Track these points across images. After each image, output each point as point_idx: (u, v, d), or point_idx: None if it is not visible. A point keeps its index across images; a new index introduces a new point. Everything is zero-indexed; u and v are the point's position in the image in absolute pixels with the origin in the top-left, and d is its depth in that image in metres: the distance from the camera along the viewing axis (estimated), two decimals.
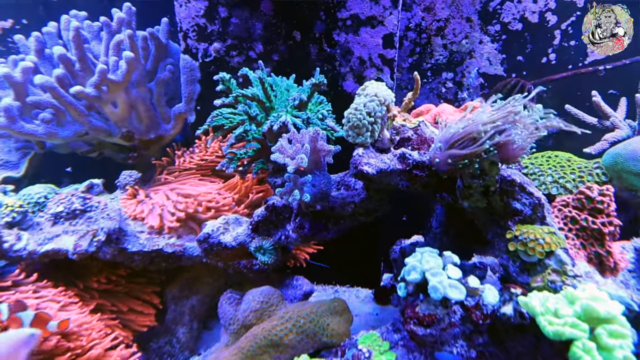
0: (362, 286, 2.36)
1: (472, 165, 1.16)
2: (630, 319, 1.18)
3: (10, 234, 1.35)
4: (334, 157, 1.40)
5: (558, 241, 1.20)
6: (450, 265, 1.17)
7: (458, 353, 1.21)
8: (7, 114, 1.57)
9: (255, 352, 1.32)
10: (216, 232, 1.47)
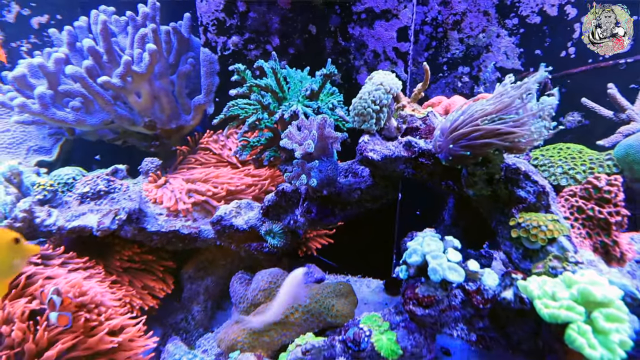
0: (374, 277, 2.39)
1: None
2: (634, 307, 1.18)
3: (42, 210, 1.47)
4: (346, 147, 1.44)
5: (561, 228, 1.21)
6: (450, 249, 1.20)
7: (458, 336, 1.23)
8: (41, 101, 1.70)
9: (262, 328, 1.39)
10: (228, 215, 1.54)
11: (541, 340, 1.19)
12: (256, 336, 1.38)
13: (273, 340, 1.39)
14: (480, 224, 1.62)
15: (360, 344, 1.20)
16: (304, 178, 1.33)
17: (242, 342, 1.37)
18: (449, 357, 1.74)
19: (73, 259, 1.39)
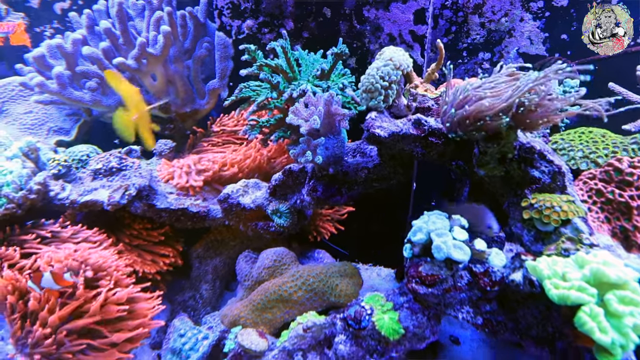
0: (385, 266, 2.36)
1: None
2: None
3: (56, 184, 1.51)
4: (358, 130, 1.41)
5: (576, 210, 1.15)
6: (457, 227, 1.16)
7: (463, 319, 1.19)
8: (59, 80, 1.75)
9: (266, 305, 1.38)
10: (235, 194, 1.55)
11: (551, 326, 1.13)
12: (259, 312, 1.38)
13: (275, 318, 1.38)
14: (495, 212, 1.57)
15: (360, 322, 1.18)
16: (310, 155, 1.32)
17: (244, 318, 1.37)
18: (457, 346, 1.70)
19: (83, 230, 1.43)
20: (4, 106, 2.10)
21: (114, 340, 1.50)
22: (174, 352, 1.50)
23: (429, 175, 2.27)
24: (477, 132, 1.16)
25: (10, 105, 2.12)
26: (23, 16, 2.33)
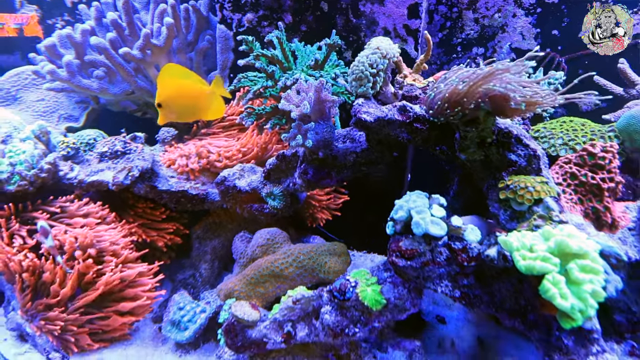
0: (379, 253, 2.44)
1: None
2: (619, 268, 1.18)
3: (65, 165, 1.61)
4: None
5: (548, 190, 1.22)
6: (435, 205, 1.23)
7: (442, 292, 1.27)
8: (68, 68, 1.85)
9: (258, 279, 1.47)
10: (232, 177, 1.64)
11: (523, 299, 1.21)
12: (252, 287, 1.46)
13: (268, 292, 1.47)
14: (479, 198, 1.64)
15: (345, 294, 1.26)
16: (300, 139, 1.40)
17: (238, 291, 1.46)
18: (443, 325, 1.78)
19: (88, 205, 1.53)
20: (18, 94, 2.22)
21: (119, 309, 1.61)
22: (173, 324, 1.60)
23: (423, 166, 2.35)
24: (455, 117, 1.23)
25: (24, 93, 2.23)
26: (36, 8, 2.44)
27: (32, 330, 1.52)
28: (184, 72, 1.40)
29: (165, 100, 1.27)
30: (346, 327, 1.28)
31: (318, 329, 1.33)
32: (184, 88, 1.28)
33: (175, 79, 1.31)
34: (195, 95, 1.32)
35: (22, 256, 1.47)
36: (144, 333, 1.73)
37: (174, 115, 1.33)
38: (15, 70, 2.25)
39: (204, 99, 1.36)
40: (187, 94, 1.30)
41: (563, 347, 1.15)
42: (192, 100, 1.31)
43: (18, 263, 1.47)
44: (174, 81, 1.30)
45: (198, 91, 1.31)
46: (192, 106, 1.34)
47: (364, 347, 1.40)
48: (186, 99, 1.28)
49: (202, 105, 1.38)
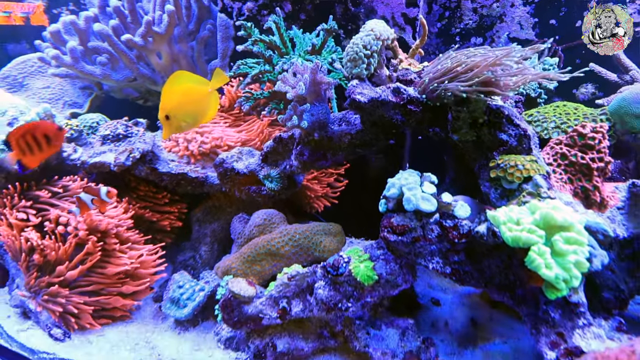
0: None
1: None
2: (606, 244, 1.21)
3: (69, 147, 1.67)
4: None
5: (538, 168, 1.25)
6: (427, 182, 1.26)
7: (433, 268, 1.30)
8: (72, 54, 1.89)
9: (255, 258, 1.51)
10: (230, 159, 1.67)
11: (512, 274, 1.24)
12: (249, 264, 1.50)
13: (264, 270, 1.51)
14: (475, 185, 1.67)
15: (338, 269, 1.30)
16: (296, 119, 1.43)
17: (235, 268, 1.50)
18: (438, 307, 1.81)
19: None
20: (25, 81, 2.27)
21: (123, 291, 1.65)
22: (172, 302, 1.64)
23: (420, 154, 2.37)
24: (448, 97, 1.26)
25: (30, 80, 2.29)
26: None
27: (34, 307, 1.57)
28: (185, 77, 1.27)
29: (172, 110, 1.14)
30: (339, 302, 1.32)
31: (312, 304, 1.36)
32: (187, 94, 1.17)
33: (178, 86, 1.20)
34: (198, 99, 1.17)
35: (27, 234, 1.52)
36: (145, 312, 1.78)
37: (181, 125, 1.19)
38: (22, 57, 2.30)
39: (206, 100, 1.24)
40: (192, 100, 1.16)
41: (550, 320, 1.18)
42: (196, 105, 1.19)
43: (24, 240, 1.51)
44: (177, 88, 1.18)
45: (200, 94, 1.17)
46: (196, 111, 1.21)
47: (357, 324, 1.43)
48: (191, 104, 1.16)
49: (205, 108, 1.25)
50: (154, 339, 1.59)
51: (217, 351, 1.53)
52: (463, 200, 1.29)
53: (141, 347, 1.55)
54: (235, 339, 1.53)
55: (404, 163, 2.37)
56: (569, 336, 1.17)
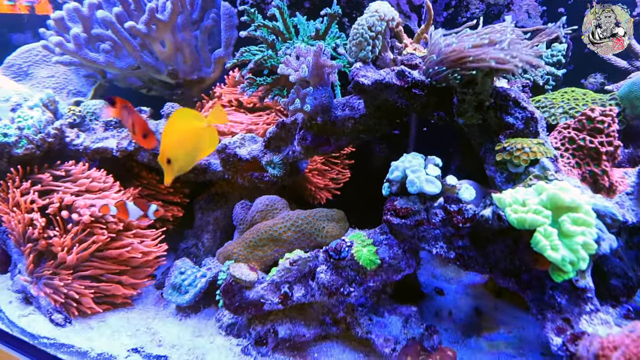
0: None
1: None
2: (615, 228, 1.18)
3: (72, 132, 1.66)
4: None
5: (545, 151, 1.22)
6: (431, 165, 1.24)
7: (437, 253, 1.28)
8: (75, 40, 1.89)
9: (257, 243, 1.50)
10: (233, 145, 1.66)
11: (518, 259, 1.21)
12: (250, 250, 1.49)
13: (266, 255, 1.50)
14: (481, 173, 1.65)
15: (340, 253, 1.28)
16: (298, 103, 1.42)
17: (237, 254, 1.49)
18: (442, 296, 1.79)
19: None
20: (29, 70, 2.27)
21: (123, 281, 1.65)
22: (174, 288, 1.63)
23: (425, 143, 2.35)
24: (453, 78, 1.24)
25: (35, 69, 2.29)
26: None
27: (35, 292, 1.57)
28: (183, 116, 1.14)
29: (172, 153, 1.06)
30: (341, 286, 1.30)
31: (314, 289, 1.35)
32: (185, 133, 1.08)
33: (176, 128, 1.10)
34: (196, 137, 1.07)
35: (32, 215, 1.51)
36: (147, 299, 1.77)
37: (182, 165, 1.09)
38: (27, 46, 2.31)
39: (205, 136, 1.13)
40: (189, 138, 1.06)
41: (556, 305, 1.16)
42: (195, 143, 1.09)
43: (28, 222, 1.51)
44: (175, 129, 1.09)
45: (198, 131, 1.07)
46: (195, 149, 1.11)
47: (360, 311, 1.41)
48: (189, 143, 1.07)
49: (203, 144, 1.14)
50: (155, 325, 1.59)
51: (218, 337, 1.52)
52: (468, 183, 1.27)
53: (142, 333, 1.55)
54: (237, 325, 1.52)
55: (408, 153, 2.34)
56: (576, 322, 1.14)
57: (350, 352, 1.45)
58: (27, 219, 1.49)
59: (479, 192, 1.31)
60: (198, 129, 1.08)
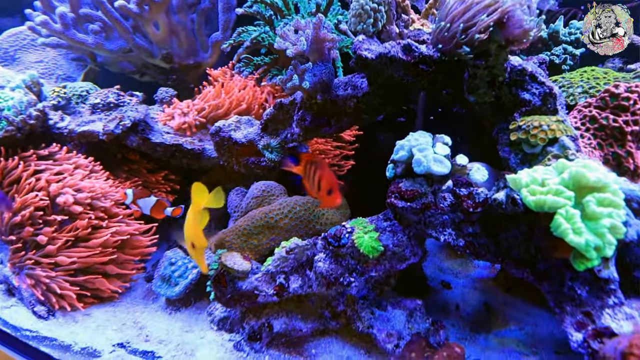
0: None
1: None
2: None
3: (55, 114, 1.56)
4: None
5: (565, 129, 1.11)
6: (439, 143, 1.14)
7: (445, 240, 1.18)
8: (62, 20, 1.80)
9: (252, 230, 1.40)
10: (227, 127, 1.56)
11: (534, 247, 1.11)
12: (245, 238, 1.39)
13: (261, 244, 1.40)
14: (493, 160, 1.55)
15: (340, 240, 1.18)
16: (297, 79, 1.32)
17: (230, 242, 1.39)
18: (449, 290, 1.68)
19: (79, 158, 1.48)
20: (17, 54, 2.18)
21: (108, 271, 1.56)
22: (163, 279, 1.54)
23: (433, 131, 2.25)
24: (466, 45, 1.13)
25: (22, 54, 2.20)
26: None
27: (17, 282, 1.48)
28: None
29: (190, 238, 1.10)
30: (341, 276, 1.20)
31: (312, 279, 1.25)
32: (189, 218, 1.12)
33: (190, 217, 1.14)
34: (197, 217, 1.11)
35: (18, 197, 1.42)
36: (136, 292, 1.68)
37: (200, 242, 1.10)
38: (13, 30, 2.22)
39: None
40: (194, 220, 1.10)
41: (576, 298, 1.05)
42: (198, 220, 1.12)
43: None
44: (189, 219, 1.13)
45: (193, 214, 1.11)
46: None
47: (361, 304, 1.31)
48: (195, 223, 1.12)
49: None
50: (142, 319, 1.49)
51: (209, 332, 1.43)
52: (480, 165, 1.16)
53: (128, 328, 1.45)
54: (230, 319, 1.42)
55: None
56: (598, 316, 1.04)
57: (350, 348, 1.35)
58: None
59: (491, 176, 1.21)
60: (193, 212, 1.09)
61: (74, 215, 1.45)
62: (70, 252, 1.50)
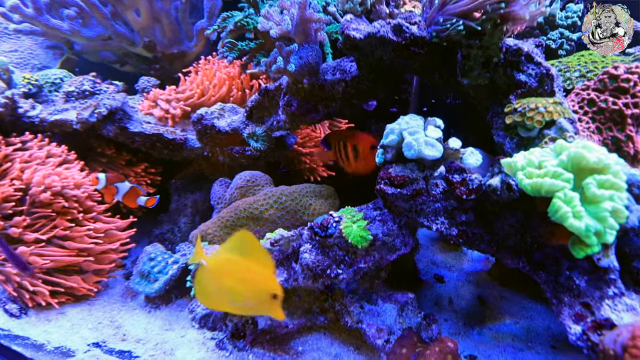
0: None
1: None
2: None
3: (26, 103, 1.48)
4: None
5: (562, 111, 1.06)
6: (431, 126, 1.08)
7: (437, 229, 1.12)
8: (34, 4, 1.70)
9: (235, 222, 1.33)
10: (210, 115, 1.49)
11: (530, 236, 1.05)
12: (228, 230, 1.32)
13: None
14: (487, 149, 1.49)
15: (327, 229, 1.11)
16: (282, 62, 1.25)
17: (212, 235, 1.32)
18: (442, 284, 1.63)
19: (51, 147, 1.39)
20: None
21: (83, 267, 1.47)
22: (142, 275, 1.46)
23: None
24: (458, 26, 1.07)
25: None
26: None
27: None
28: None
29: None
30: (328, 268, 1.13)
31: (297, 272, 1.18)
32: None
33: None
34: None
35: None
36: (114, 290, 1.59)
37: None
38: None
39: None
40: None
41: (574, 288, 1.00)
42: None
43: None
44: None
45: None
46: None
47: (350, 298, 1.25)
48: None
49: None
50: (119, 318, 1.41)
51: (190, 331, 1.35)
52: (473, 149, 1.11)
53: (105, 327, 1.37)
54: (212, 317, 1.35)
55: None
56: (597, 307, 0.99)
57: (339, 345, 1.28)
58: None
59: (485, 162, 1.15)
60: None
61: (44, 203, 1.36)
62: (43, 251, 1.41)
